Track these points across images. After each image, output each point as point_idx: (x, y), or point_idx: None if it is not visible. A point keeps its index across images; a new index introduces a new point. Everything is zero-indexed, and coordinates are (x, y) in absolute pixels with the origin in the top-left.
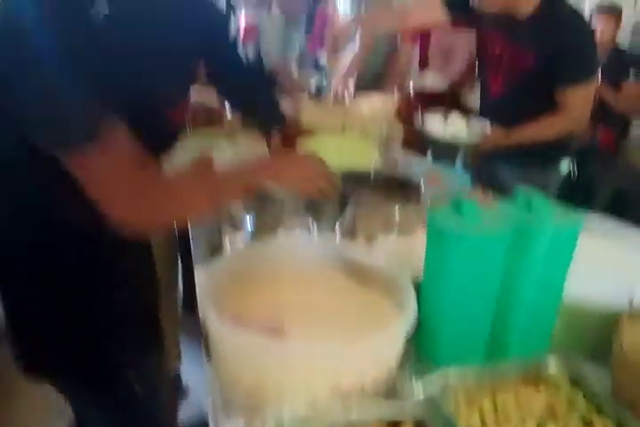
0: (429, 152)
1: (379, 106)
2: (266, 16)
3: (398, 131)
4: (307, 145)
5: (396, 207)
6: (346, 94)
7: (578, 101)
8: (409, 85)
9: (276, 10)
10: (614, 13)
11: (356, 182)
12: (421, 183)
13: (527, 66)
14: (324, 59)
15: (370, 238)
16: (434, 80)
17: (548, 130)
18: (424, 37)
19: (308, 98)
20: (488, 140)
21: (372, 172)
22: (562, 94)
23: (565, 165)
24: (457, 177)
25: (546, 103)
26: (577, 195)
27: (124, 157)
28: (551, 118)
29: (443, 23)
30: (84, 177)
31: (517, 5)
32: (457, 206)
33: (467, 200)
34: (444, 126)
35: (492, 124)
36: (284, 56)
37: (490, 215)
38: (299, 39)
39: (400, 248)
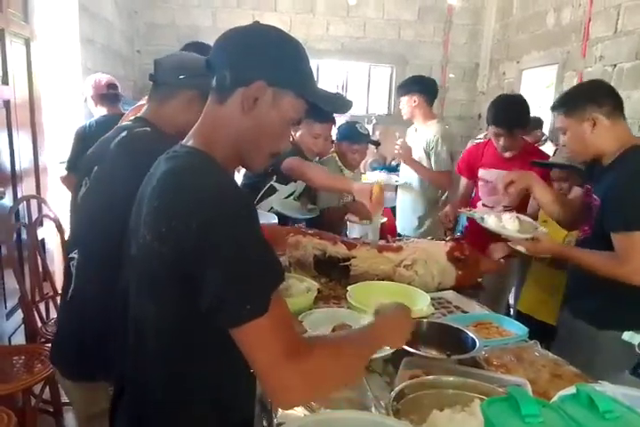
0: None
1: (431, 249)
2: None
3: (451, 274)
4: (357, 289)
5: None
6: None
7: (627, 250)
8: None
9: None
10: None
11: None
12: (473, 336)
13: (596, 209)
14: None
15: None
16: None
17: (601, 266)
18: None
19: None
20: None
21: (425, 322)
22: (614, 240)
23: None
24: (515, 328)
25: None
26: None
27: (288, 322)
28: (610, 257)
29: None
30: (250, 345)
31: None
32: (514, 401)
33: (525, 396)
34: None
35: None
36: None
37: (551, 416)
38: None
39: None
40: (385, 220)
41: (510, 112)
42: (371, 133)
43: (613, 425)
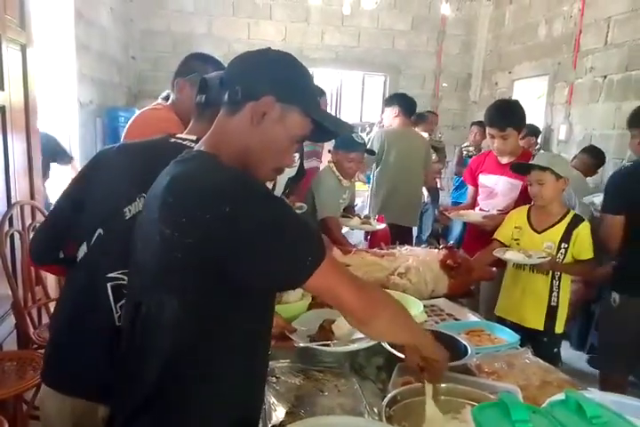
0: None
1: (424, 257)
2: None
3: (443, 282)
4: None
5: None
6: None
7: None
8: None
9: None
10: None
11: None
12: (465, 343)
13: None
14: None
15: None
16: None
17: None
18: None
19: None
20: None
21: None
22: None
23: None
24: (506, 335)
25: None
26: None
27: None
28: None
29: None
30: (326, 288)
31: None
32: (505, 407)
33: (516, 402)
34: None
35: None
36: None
37: (541, 422)
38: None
39: None
40: (383, 226)
41: (503, 112)
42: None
43: None
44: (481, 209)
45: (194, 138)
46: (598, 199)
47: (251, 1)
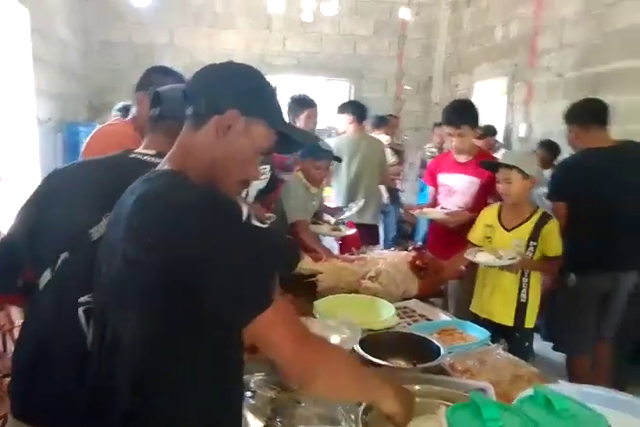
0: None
1: (394, 259)
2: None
3: (414, 283)
4: (323, 304)
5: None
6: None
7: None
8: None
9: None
10: None
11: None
12: (438, 344)
13: None
14: None
15: None
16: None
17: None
18: None
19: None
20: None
21: (391, 333)
22: None
23: None
24: (478, 333)
25: None
26: None
27: (292, 309)
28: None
29: None
30: (266, 335)
31: None
32: (476, 406)
33: (486, 401)
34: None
35: None
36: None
37: (511, 419)
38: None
39: None
40: (353, 231)
41: (457, 111)
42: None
43: (569, 422)
44: (442, 208)
45: (153, 152)
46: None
47: (211, 10)
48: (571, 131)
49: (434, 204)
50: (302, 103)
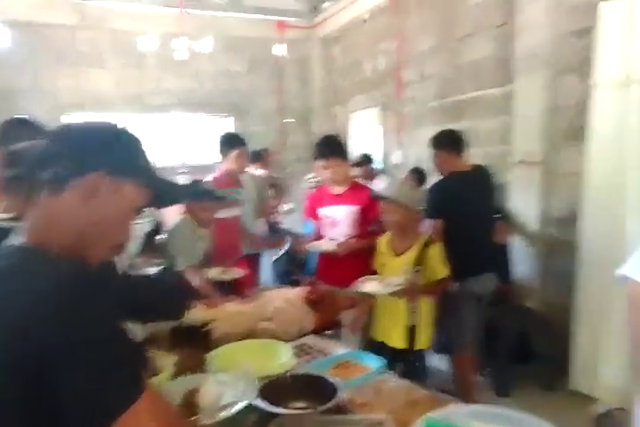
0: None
1: (288, 296)
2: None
3: (310, 318)
4: (217, 356)
5: None
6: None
7: None
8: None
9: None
10: None
11: (274, 392)
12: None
13: None
14: None
15: None
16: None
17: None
18: None
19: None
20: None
21: (288, 377)
22: None
23: None
24: (373, 362)
25: None
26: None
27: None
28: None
29: None
30: None
31: None
32: None
33: None
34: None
35: None
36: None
37: None
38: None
39: None
40: (242, 274)
41: (325, 145)
42: None
43: None
44: (331, 238)
45: (9, 215)
46: None
47: (76, 50)
48: (437, 156)
49: (319, 236)
50: (231, 142)
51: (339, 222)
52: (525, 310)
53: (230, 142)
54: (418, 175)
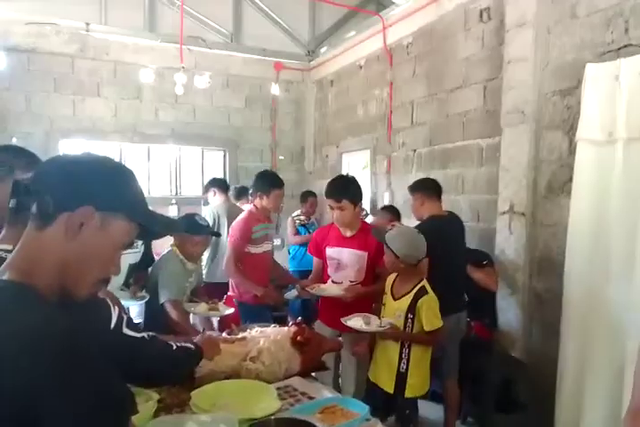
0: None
1: (275, 336)
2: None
3: (296, 359)
4: (201, 394)
5: None
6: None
7: None
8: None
9: None
10: None
11: None
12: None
13: None
14: None
15: None
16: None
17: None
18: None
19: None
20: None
21: (272, 420)
22: None
23: None
24: (354, 406)
25: None
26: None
27: None
28: None
29: None
30: None
31: None
32: None
33: None
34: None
35: None
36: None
37: None
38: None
39: None
40: (231, 311)
41: (339, 186)
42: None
43: None
44: (333, 281)
45: (9, 247)
46: None
47: (75, 78)
48: (416, 200)
49: (321, 276)
50: (273, 182)
51: (344, 266)
52: (510, 358)
53: (272, 182)
54: (391, 212)
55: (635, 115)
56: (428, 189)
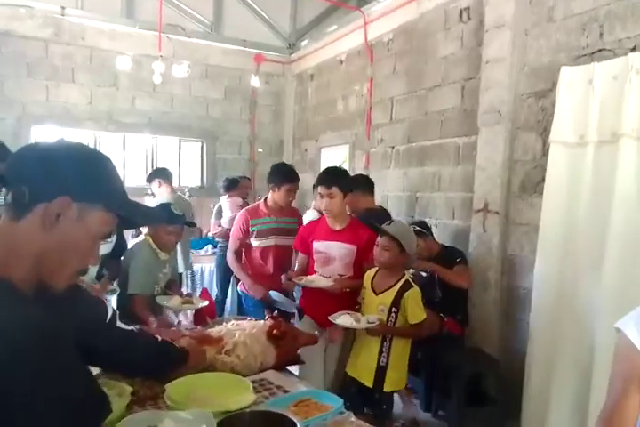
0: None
1: (251, 330)
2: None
3: (272, 353)
4: (175, 387)
5: None
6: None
7: None
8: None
9: None
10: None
11: None
12: (294, 420)
13: None
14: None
15: None
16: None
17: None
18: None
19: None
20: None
21: (247, 413)
22: None
23: None
24: (328, 399)
25: None
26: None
27: None
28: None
29: None
30: None
31: None
32: None
33: None
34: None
35: None
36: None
37: None
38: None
39: None
40: (206, 303)
41: (330, 174)
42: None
43: None
44: (321, 275)
45: None
46: None
47: (48, 63)
48: (355, 195)
49: (305, 271)
50: (285, 177)
51: (333, 260)
52: (481, 354)
53: (284, 176)
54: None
55: (606, 118)
56: (360, 184)
